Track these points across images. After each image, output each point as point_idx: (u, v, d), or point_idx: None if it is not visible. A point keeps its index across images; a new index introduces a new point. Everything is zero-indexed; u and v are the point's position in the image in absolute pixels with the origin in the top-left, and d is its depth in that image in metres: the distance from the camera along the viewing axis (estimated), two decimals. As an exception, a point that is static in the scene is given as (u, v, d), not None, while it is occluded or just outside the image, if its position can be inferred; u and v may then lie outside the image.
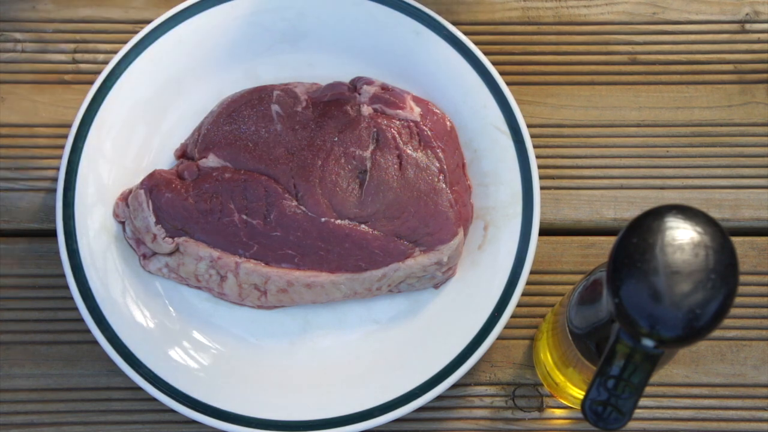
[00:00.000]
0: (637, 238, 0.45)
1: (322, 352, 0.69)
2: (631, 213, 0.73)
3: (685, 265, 0.45)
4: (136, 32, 0.72)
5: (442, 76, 0.72)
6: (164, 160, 0.72)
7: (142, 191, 0.69)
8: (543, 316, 0.69)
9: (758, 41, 0.76)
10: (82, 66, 0.75)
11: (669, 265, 0.45)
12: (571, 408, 0.69)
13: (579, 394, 0.63)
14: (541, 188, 0.72)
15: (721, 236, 0.45)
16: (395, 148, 0.69)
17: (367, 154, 0.69)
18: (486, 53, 0.72)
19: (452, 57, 0.72)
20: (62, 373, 0.70)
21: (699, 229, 0.45)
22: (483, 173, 0.71)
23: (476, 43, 0.72)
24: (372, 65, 0.73)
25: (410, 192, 0.68)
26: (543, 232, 0.72)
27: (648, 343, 0.46)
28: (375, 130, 0.70)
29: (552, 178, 0.73)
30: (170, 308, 0.69)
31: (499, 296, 0.68)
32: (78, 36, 0.76)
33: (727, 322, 0.71)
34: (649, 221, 0.46)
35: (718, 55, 0.76)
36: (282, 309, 0.70)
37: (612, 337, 0.48)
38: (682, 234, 0.45)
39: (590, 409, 0.48)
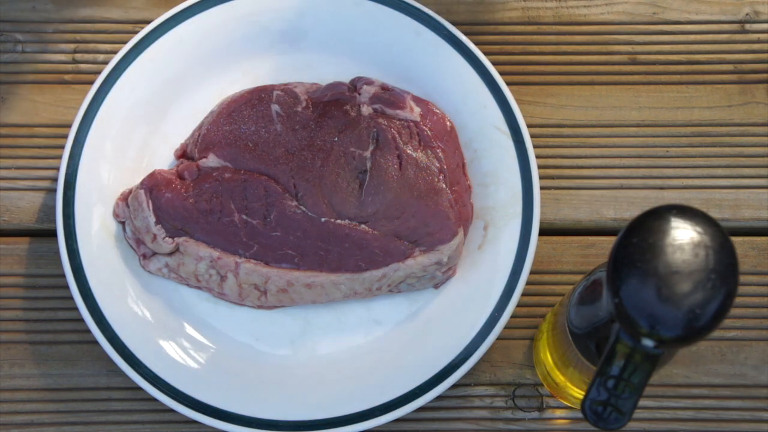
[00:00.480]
0: (637, 238, 0.45)
1: (322, 351, 0.69)
2: (631, 213, 0.73)
3: (685, 265, 0.45)
4: (136, 32, 0.72)
5: (442, 76, 0.72)
6: (164, 160, 0.72)
7: (142, 191, 0.69)
8: (543, 316, 0.69)
9: (758, 41, 0.76)
10: (82, 66, 0.75)
11: (669, 265, 0.45)
12: (571, 408, 0.69)
13: (579, 394, 0.63)
14: (541, 188, 0.72)
15: (721, 236, 0.45)
16: (395, 148, 0.69)
17: (367, 154, 0.69)
18: (486, 53, 0.72)
19: (452, 57, 0.72)
20: (62, 373, 0.70)
21: (699, 229, 0.45)
22: (483, 173, 0.71)
23: (476, 43, 0.72)
24: (372, 65, 0.73)
25: (410, 192, 0.68)
26: (543, 232, 0.72)
27: (648, 343, 0.46)
28: (375, 130, 0.70)
29: (552, 178, 0.73)
30: (170, 308, 0.69)
31: (499, 296, 0.68)
32: (78, 36, 0.76)
33: (727, 322, 0.71)
34: (649, 221, 0.46)
35: (718, 55, 0.76)
36: (282, 309, 0.70)
37: (612, 337, 0.48)
38: (682, 234, 0.45)
39: (590, 409, 0.48)
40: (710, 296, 0.44)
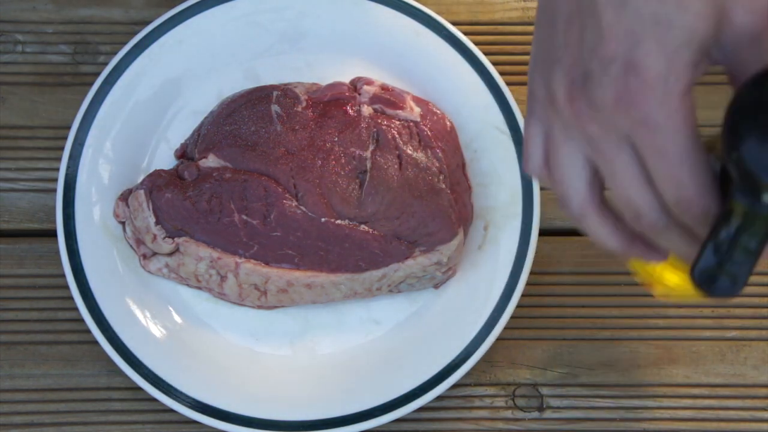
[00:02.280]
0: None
1: (322, 352, 0.69)
2: (631, 213, 0.73)
3: None
4: (136, 32, 0.72)
5: (442, 77, 0.72)
6: (164, 160, 0.72)
7: (142, 191, 0.69)
8: (543, 317, 0.69)
9: (758, 41, 0.76)
10: (82, 66, 0.75)
11: None
12: (571, 408, 0.69)
13: (677, 278, 0.55)
14: (541, 188, 0.71)
15: None
16: (395, 148, 0.69)
17: (367, 154, 0.69)
18: (486, 53, 0.72)
19: (452, 57, 0.72)
20: (62, 373, 0.70)
21: None
22: (483, 173, 0.71)
23: (476, 43, 0.72)
24: (372, 65, 0.73)
25: (410, 192, 0.68)
26: (543, 232, 0.72)
27: None
28: (375, 130, 0.70)
29: (552, 178, 0.73)
30: (170, 308, 0.69)
31: (499, 296, 0.68)
32: (78, 36, 0.76)
33: (727, 322, 0.71)
34: None
35: (718, 55, 0.76)
36: (282, 309, 0.70)
37: (727, 198, 0.43)
38: None
39: (700, 275, 0.44)
40: None
